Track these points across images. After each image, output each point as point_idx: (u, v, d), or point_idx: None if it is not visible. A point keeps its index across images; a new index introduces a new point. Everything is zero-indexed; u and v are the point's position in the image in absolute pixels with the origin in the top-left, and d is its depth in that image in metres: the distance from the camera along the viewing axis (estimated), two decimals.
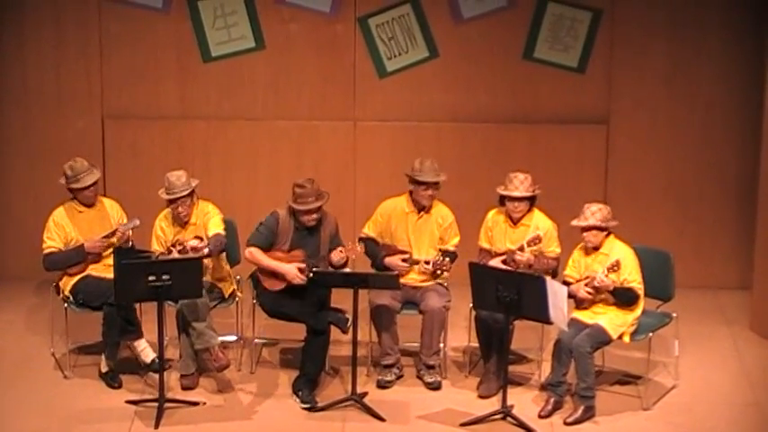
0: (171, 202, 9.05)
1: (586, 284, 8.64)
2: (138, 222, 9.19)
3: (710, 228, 10.86)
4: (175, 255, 8.93)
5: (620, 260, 8.56)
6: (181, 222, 9.11)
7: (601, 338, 8.59)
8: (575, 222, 8.69)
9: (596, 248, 8.70)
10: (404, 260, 9.10)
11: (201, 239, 8.93)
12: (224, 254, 9.23)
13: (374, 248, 9.20)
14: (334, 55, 10.74)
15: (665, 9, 10.56)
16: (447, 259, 9.05)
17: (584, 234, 8.69)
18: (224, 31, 10.68)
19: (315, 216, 8.85)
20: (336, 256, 8.87)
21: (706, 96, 10.67)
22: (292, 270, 8.83)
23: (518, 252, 8.86)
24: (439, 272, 9.09)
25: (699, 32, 10.56)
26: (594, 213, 8.66)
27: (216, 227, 9.06)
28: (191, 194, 9.06)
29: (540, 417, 8.60)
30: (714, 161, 10.77)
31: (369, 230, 9.27)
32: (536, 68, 10.70)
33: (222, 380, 9.01)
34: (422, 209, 9.16)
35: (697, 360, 9.51)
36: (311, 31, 10.70)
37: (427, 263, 9.06)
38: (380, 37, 10.70)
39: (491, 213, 9.18)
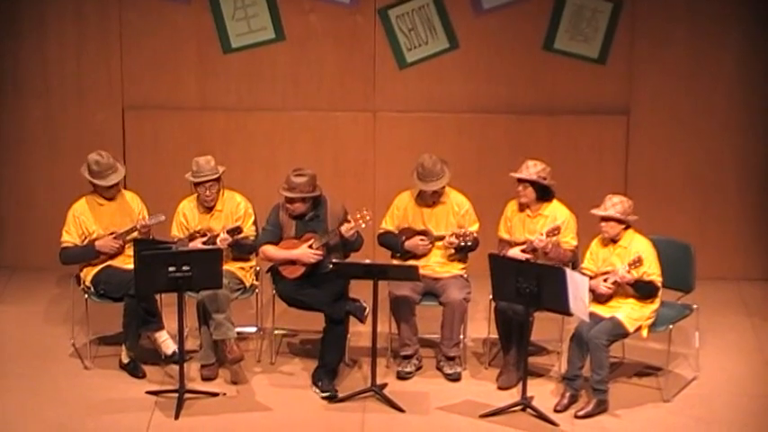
0: (197, 185, 9.08)
1: (605, 280, 8.62)
2: (162, 218, 9.20)
3: (732, 219, 10.81)
4: (199, 244, 8.97)
5: (641, 257, 8.54)
6: (206, 208, 9.13)
7: (617, 331, 8.56)
8: (594, 210, 8.67)
9: (614, 241, 8.68)
10: (422, 240, 9.09)
11: (233, 231, 8.98)
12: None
13: (392, 240, 9.19)
14: (354, 46, 10.73)
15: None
16: (471, 229, 9.03)
17: (602, 224, 8.66)
18: (244, 22, 10.68)
19: (298, 206, 8.88)
20: (345, 228, 8.89)
21: (726, 87, 10.62)
22: (304, 251, 8.88)
23: (537, 238, 8.82)
24: (464, 243, 9.03)
25: (719, 23, 10.51)
26: (615, 205, 8.63)
27: (249, 231, 9.15)
28: (217, 180, 9.09)
29: (556, 411, 8.57)
30: (735, 152, 10.72)
31: (386, 224, 9.26)
32: (556, 59, 10.67)
33: (236, 371, 9.01)
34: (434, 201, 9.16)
35: (718, 352, 9.47)
36: (331, 23, 10.69)
37: (452, 235, 9.03)
38: (400, 28, 10.68)
39: (511, 203, 9.17)
